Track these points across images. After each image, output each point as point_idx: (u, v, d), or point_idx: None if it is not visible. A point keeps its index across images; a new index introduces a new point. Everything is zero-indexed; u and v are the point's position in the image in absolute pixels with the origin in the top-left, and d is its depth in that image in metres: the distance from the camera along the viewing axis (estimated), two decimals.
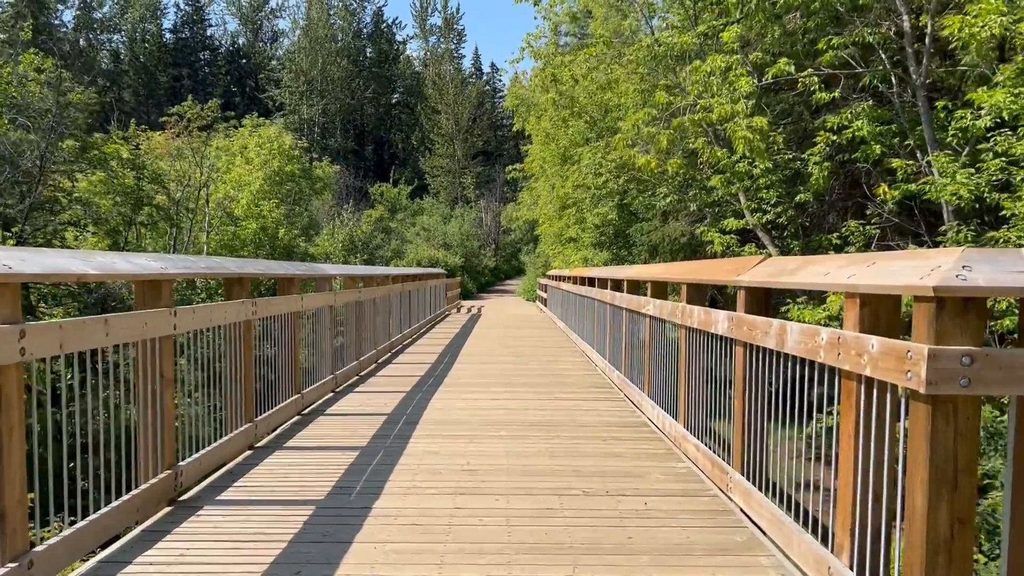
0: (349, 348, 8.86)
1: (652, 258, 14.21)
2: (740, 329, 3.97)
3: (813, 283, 3.25)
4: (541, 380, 8.81)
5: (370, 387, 8.35)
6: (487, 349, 12.25)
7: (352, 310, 8.96)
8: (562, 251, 20.67)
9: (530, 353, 11.76)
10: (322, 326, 7.67)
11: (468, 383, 8.56)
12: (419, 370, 9.58)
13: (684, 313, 5.17)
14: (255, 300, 5.39)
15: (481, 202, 52.70)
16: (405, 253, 35.24)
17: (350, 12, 79.98)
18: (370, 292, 9.93)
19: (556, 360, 10.77)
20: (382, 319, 11.16)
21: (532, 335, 15.12)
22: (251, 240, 18.73)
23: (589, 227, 16.86)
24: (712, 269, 5.10)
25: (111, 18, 77.48)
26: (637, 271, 7.37)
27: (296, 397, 6.48)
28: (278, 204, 20.32)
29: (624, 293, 7.75)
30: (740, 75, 8.82)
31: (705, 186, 11.59)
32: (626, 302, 7.52)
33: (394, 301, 12.36)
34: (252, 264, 5.44)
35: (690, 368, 5.15)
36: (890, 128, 8.76)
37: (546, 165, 20.90)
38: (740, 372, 4.05)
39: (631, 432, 5.98)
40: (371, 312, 10.11)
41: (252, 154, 22.23)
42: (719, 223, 10.90)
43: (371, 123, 79.95)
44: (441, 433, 5.89)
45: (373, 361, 10.13)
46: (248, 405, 5.30)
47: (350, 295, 8.76)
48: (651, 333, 6.45)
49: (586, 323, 11.27)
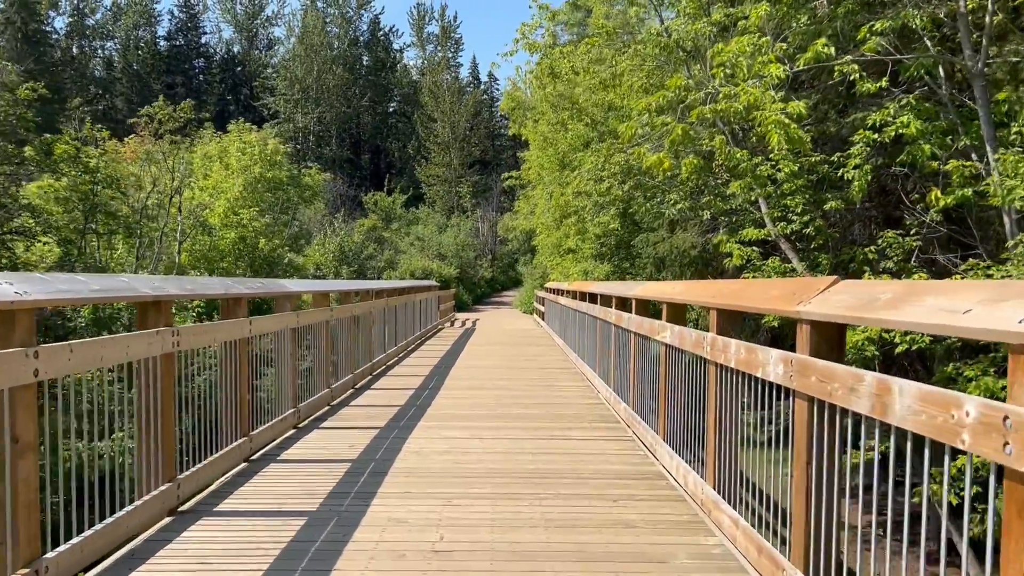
0: (318, 375, 7.79)
1: (658, 272, 13.15)
2: (805, 379, 2.91)
3: (935, 325, 2.18)
4: (537, 412, 7.73)
5: (340, 421, 7.28)
6: (478, 371, 11.18)
7: (323, 331, 7.89)
8: (560, 262, 19.56)
9: (525, 376, 10.70)
10: (283, 352, 6.61)
11: (453, 415, 7.49)
12: (400, 397, 8.51)
13: (715, 346, 4.12)
14: (178, 328, 4.32)
15: (478, 212, 51.69)
16: (398, 264, 34.16)
17: (346, 20, 79.18)
18: (346, 310, 8.87)
19: (554, 385, 9.70)
20: (362, 339, 10.09)
21: (528, 354, 14.05)
22: (230, 251, 17.62)
23: (590, 237, 15.78)
24: (756, 293, 4.01)
25: (103, 25, 76.59)
26: (650, 290, 6.32)
27: (242, 441, 5.41)
28: (260, 212, 19.21)
29: (633, 314, 6.69)
30: (770, 60, 7.76)
31: (720, 192, 10.51)
32: (636, 325, 6.46)
33: (377, 318, 11.30)
34: (176, 284, 4.40)
35: (723, 417, 4.08)
36: (938, 125, 7.72)
37: (544, 172, 19.79)
38: (803, 435, 2.99)
39: (645, 488, 4.90)
40: (348, 332, 9.04)
41: (233, 159, 21.13)
42: (737, 233, 9.82)
43: (367, 132, 79.04)
44: (412, 490, 4.81)
45: (350, 387, 9.06)
46: (168, 460, 4.23)
47: (319, 315, 7.69)
48: (667, 364, 5.39)
49: (587, 343, 10.21)
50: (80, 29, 74.79)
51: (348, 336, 9.06)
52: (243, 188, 19.27)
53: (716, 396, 4.15)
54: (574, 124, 16.12)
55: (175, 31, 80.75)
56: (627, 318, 6.90)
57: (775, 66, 7.53)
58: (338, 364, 8.81)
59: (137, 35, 77.61)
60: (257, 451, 5.77)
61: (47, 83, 56.43)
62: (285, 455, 5.80)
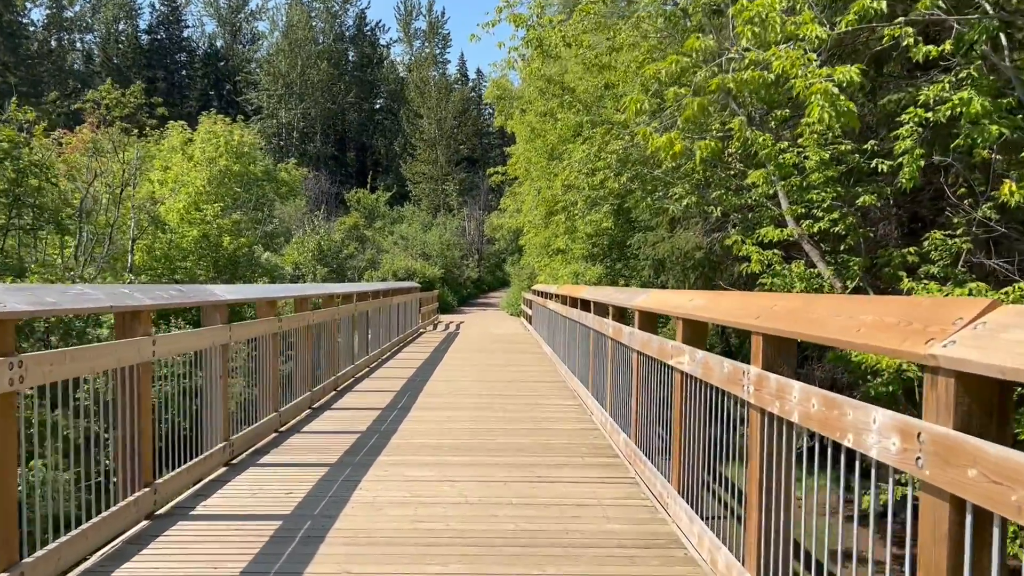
0: (263, 399, 6.62)
1: (657, 276, 11.98)
2: (949, 470, 1.77)
3: None
4: (521, 440, 6.58)
5: (284, 454, 6.10)
6: (456, 385, 10.02)
7: (267, 346, 6.71)
8: (549, 263, 18.31)
9: (508, 392, 9.54)
10: (211, 375, 5.43)
11: (421, 446, 6.33)
12: (362, 420, 7.34)
13: (762, 387, 2.97)
14: (22, 357, 3.14)
15: (464, 210, 50.43)
16: (380, 264, 32.90)
17: (332, 14, 77.76)
18: (299, 319, 7.68)
19: (540, 404, 8.54)
20: (324, 350, 8.92)
21: (513, 363, 12.89)
22: (194, 249, 16.28)
23: (580, 237, 14.58)
24: (832, 315, 2.74)
25: (82, 17, 74.84)
26: (659, 300, 5.16)
27: (141, 494, 4.23)
28: (225, 208, 17.87)
29: (636, 328, 5.55)
30: (805, 22, 6.58)
31: (731, 185, 9.32)
32: (640, 343, 5.32)
33: (343, 326, 10.12)
34: (20, 294, 3.22)
35: (774, 487, 2.94)
36: (1005, 102, 6.59)
37: (531, 166, 18.51)
38: (945, 548, 1.85)
39: (657, 563, 3.76)
40: (304, 344, 7.86)
41: (196, 150, 19.76)
42: (753, 233, 8.63)
43: (353, 129, 77.64)
44: (353, 570, 3.65)
45: (306, 407, 7.88)
46: (9, 539, 3.06)
47: (262, 327, 6.51)
48: (685, 398, 4.25)
49: (579, 356, 9.07)
50: (59, 21, 72.98)
51: (304, 349, 7.88)
52: (207, 182, 17.91)
53: (763, 456, 3.00)
54: (564, 113, 14.82)
55: (156, 24, 79.04)
56: (628, 333, 5.75)
57: (814, 26, 6.34)
58: (292, 381, 7.64)
59: (117, 28, 75.90)
60: (166, 503, 4.58)
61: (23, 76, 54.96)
62: (202, 507, 4.62)
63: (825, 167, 7.76)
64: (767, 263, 8.18)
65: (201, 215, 16.93)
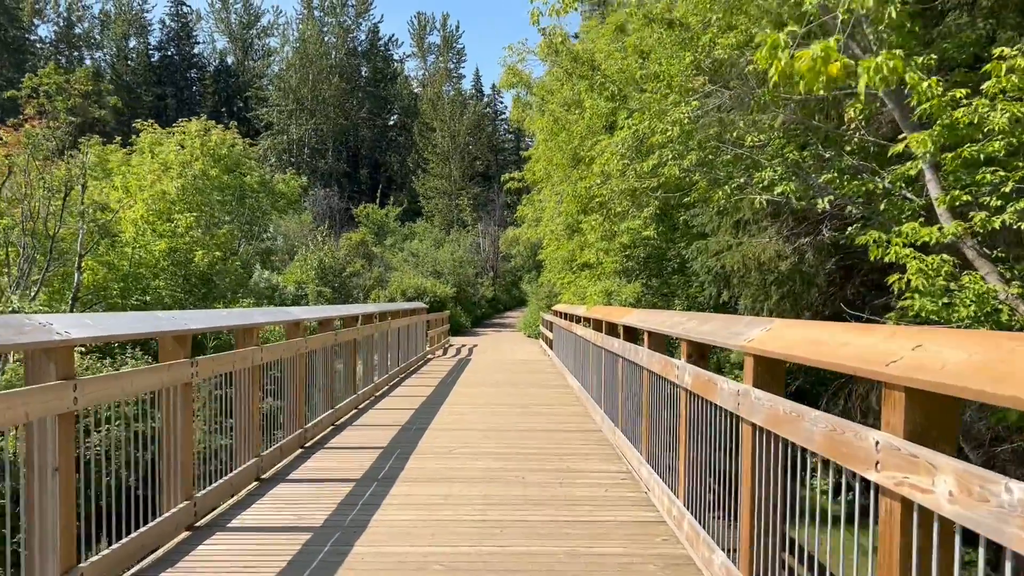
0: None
1: (718, 298, 9.56)
2: None
3: None
4: (550, 551, 4.30)
5: (218, 554, 3.86)
6: (461, 438, 7.74)
7: (173, 402, 4.48)
8: (574, 281, 15.86)
9: (529, 449, 7.25)
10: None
11: (401, 560, 4.07)
12: (322, 507, 5.10)
13: None
14: None
15: (479, 226, 48.23)
16: (388, 282, 30.70)
17: (344, 29, 76.38)
18: (233, 361, 5.44)
19: (575, 470, 6.25)
20: (288, 399, 6.70)
21: (533, 403, 10.61)
22: (164, 267, 14.02)
23: (615, 247, 12.19)
24: None
25: (90, 33, 73.87)
26: (812, 340, 2.87)
27: None
28: (200, 218, 15.61)
29: (751, 387, 3.28)
30: None
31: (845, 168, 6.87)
32: (768, 419, 3.04)
33: (318, 362, 7.91)
34: None
35: None
36: None
37: (552, 168, 16.13)
38: None
39: None
40: (244, 394, 5.62)
41: (171, 155, 17.49)
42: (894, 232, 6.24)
43: (366, 145, 75.98)
44: None
45: (242, 487, 5.64)
46: None
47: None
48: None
49: (623, 402, 6.79)
50: (68, 38, 72.02)
51: (245, 401, 5.64)
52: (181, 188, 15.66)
53: None
54: (593, 99, 12.32)
55: (167, 41, 78.02)
56: (736, 392, 3.48)
57: None
58: (246, 439, 5.41)
59: (127, 45, 74.87)
60: None
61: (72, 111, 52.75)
62: None
63: (1019, 127, 5.41)
64: (934, 273, 5.70)
65: (171, 226, 14.73)
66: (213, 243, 15.18)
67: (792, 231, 8.74)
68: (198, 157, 17.13)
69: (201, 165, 16.95)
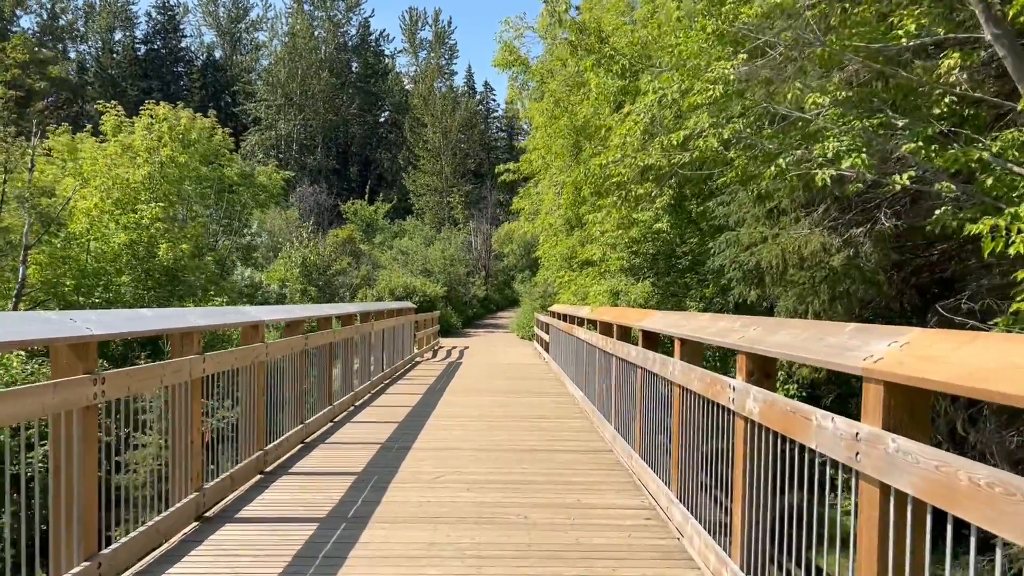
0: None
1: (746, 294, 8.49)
2: None
3: None
4: None
5: None
6: (449, 461, 6.66)
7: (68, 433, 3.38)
8: (574, 279, 14.72)
9: (529, 474, 6.17)
10: None
11: None
12: (285, 545, 4.02)
13: None
14: None
15: (471, 224, 47.05)
16: (376, 281, 29.52)
17: (334, 23, 75.00)
18: (176, 371, 4.34)
19: (584, 501, 5.17)
20: (246, 416, 5.61)
21: (531, 413, 9.53)
22: (126, 262, 12.84)
23: (622, 242, 11.07)
24: None
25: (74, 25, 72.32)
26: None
27: None
28: (167, 209, 14.43)
29: (910, 442, 2.21)
30: None
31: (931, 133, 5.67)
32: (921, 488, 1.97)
33: (287, 367, 6.81)
34: None
35: None
36: None
37: (551, 157, 14.95)
38: None
39: None
40: (180, 415, 4.52)
41: (137, 140, 16.25)
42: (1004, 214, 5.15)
43: (356, 142, 74.62)
44: None
45: (186, 520, 4.53)
46: None
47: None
48: None
49: (649, 428, 5.72)
50: (51, 30, 70.45)
51: (182, 420, 4.53)
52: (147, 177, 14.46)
53: None
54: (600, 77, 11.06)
55: (153, 34, 76.43)
56: (917, 455, 2.42)
57: None
58: (181, 469, 4.31)
59: (112, 38, 73.31)
60: None
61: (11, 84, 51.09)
62: None
63: None
64: None
65: (136, 217, 13.56)
66: (182, 235, 14.01)
67: (835, 220, 7.63)
68: (166, 143, 15.87)
69: (169, 151, 15.68)
